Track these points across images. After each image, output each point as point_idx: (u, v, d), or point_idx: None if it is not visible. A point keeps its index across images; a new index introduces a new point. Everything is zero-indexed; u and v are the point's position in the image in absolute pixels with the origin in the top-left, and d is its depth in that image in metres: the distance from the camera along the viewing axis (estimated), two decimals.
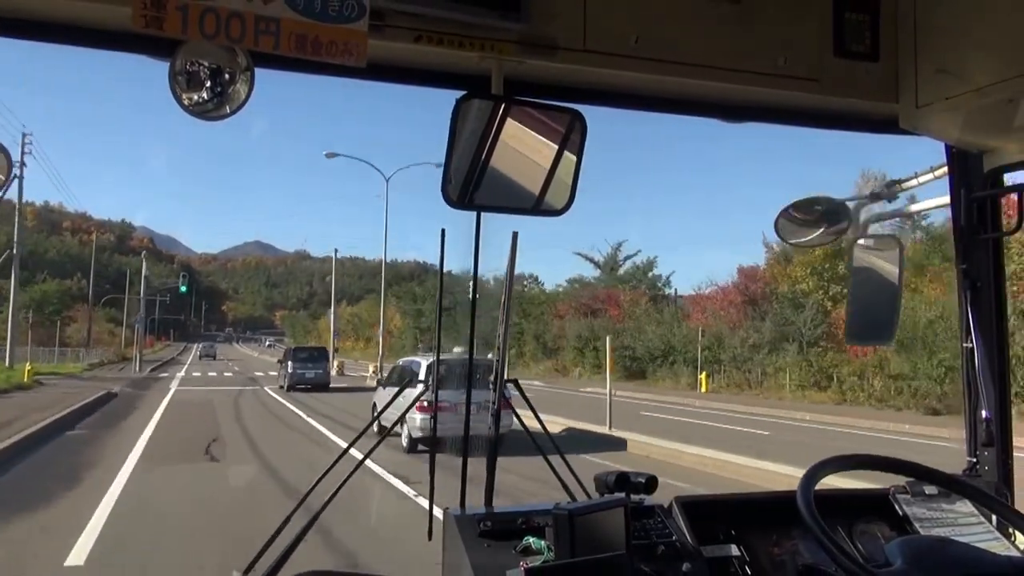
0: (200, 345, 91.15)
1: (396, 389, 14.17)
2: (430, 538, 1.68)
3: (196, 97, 1.40)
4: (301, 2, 1.44)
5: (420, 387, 11.73)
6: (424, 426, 12.04)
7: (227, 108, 1.42)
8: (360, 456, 1.76)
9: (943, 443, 12.89)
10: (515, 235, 1.68)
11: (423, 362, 14.55)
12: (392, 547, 6.84)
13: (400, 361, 18.15)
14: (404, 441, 13.31)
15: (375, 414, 14.47)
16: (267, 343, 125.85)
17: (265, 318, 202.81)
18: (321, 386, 29.65)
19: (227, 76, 1.41)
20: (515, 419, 1.78)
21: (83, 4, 1.39)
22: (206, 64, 1.40)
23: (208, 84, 1.41)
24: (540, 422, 1.82)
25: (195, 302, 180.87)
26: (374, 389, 18.42)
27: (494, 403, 1.68)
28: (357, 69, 1.48)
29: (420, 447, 12.89)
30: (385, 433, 1.65)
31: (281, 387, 30.35)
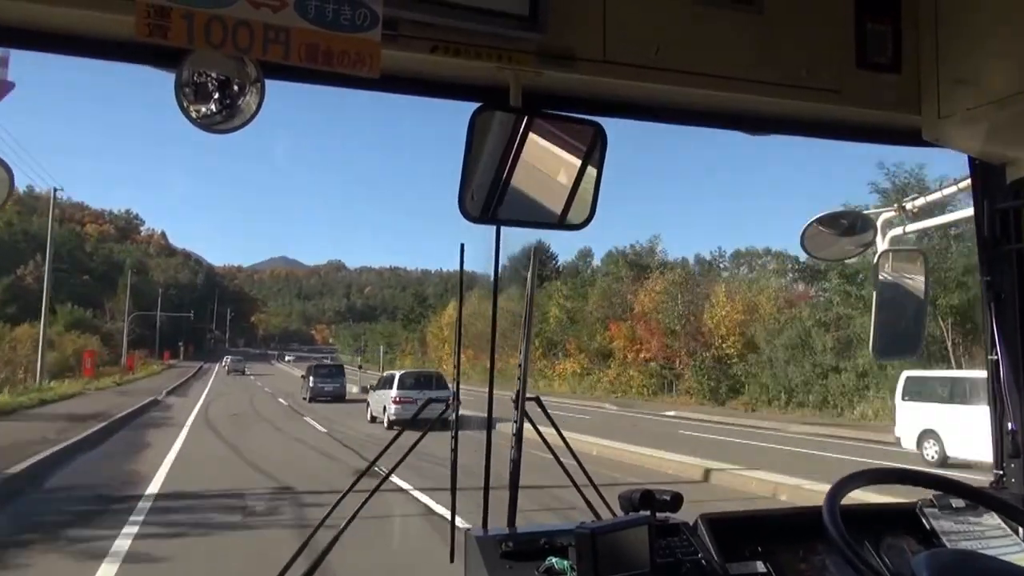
0: (228, 359, 73.43)
1: (382, 390, 22.11)
2: (452, 560, 1.63)
3: (204, 109, 1.35)
4: (312, 10, 1.39)
5: (395, 390, 20.86)
6: (398, 413, 20.07)
7: (237, 120, 1.36)
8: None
9: None
10: (535, 249, 1.64)
11: (397, 373, 22.77)
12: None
13: (384, 373, 25.97)
14: (385, 421, 21.02)
15: (369, 411, 23.04)
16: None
17: (302, 332, 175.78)
18: (338, 398, 31.59)
19: (236, 87, 1.36)
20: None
21: (85, 13, 1.34)
22: (214, 75, 1.35)
23: (216, 96, 1.35)
24: (563, 439, 1.77)
25: (217, 309, 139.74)
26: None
27: (516, 421, 1.62)
28: (370, 80, 1.43)
29: (395, 427, 18.14)
30: (406, 452, 1.62)
31: (304, 399, 31.68)
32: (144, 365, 62.78)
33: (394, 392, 20.99)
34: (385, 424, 20.94)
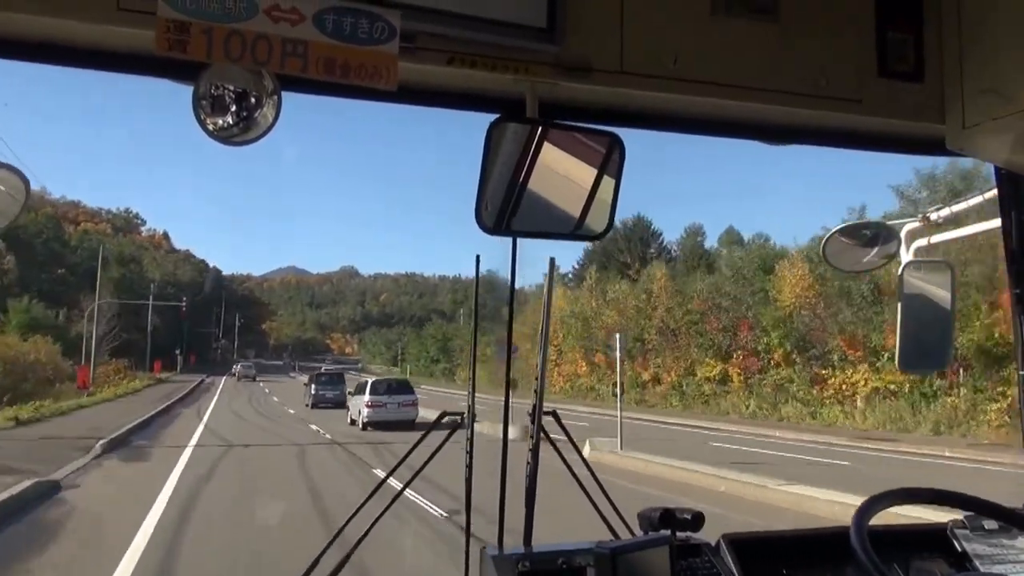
0: (238, 365, 68.48)
1: (358, 396, 24.36)
2: None
3: (221, 122, 1.35)
4: (330, 24, 1.39)
5: (368, 395, 23.34)
6: (370, 415, 22.78)
7: (253, 132, 1.37)
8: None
9: None
10: (552, 261, 1.62)
11: (369, 381, 25.18)
12: None
13: (360, 379, 28.53)
14: (360, 422, 23.35)
15: (349, 415, 25.33)
16: None
17: (317, 341, 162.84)
18: (338, 405, 32.45)
19: (253, 100, 1.36)
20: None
21: (105, 28, 1.35)
22: (231, 88, 1.36)
23: (233, 108, 1.36)
24: (579, 454, 1.74)
25: (224, 316, 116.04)
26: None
27: (533, 436, 1.59)
28: (388, 92, 1.43)
29: (368, 428, 22.61)
30: (418, 469, 1.60)
31: (306, 405, 33.12)
32: (122, 380, 42.87)
33: (367, 397, 23.42)
34: (360, 426, 23.29)
